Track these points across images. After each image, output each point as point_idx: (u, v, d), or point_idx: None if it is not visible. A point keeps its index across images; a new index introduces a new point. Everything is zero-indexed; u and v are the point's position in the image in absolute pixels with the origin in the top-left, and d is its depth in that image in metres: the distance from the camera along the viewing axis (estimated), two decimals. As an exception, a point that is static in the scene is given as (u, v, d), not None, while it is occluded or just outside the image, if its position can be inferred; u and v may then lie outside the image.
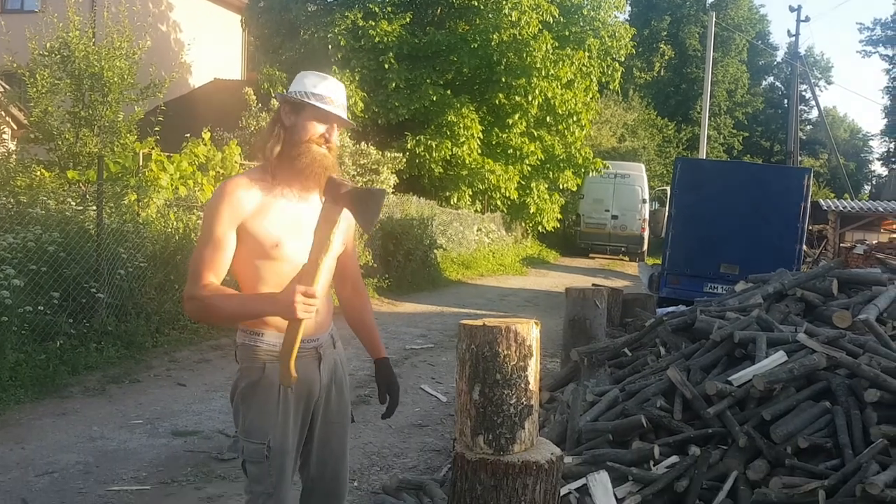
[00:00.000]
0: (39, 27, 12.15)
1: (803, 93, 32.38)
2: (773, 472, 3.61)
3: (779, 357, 4.14)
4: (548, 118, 20.10)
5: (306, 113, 2.46)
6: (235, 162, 10.98)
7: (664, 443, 3.86)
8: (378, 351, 2.80)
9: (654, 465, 3.73)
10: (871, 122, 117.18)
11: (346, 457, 2.72)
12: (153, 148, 10.16)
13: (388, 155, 15.55)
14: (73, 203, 8.45)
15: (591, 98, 21.47)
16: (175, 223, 9.09)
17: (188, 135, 10.93)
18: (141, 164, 9.81)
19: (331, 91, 2.48)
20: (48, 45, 11.92)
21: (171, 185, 9.67)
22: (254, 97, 15.07)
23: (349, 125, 2.55)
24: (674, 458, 3.75)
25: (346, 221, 2.60)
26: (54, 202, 8.35)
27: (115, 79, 11.78)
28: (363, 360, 7.00)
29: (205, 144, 10.69)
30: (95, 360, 6.84)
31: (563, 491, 3.46)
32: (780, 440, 3.68)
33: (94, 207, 7.82)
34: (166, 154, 10.07)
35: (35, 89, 11.61)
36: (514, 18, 18.01)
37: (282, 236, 2.44)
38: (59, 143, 11.77)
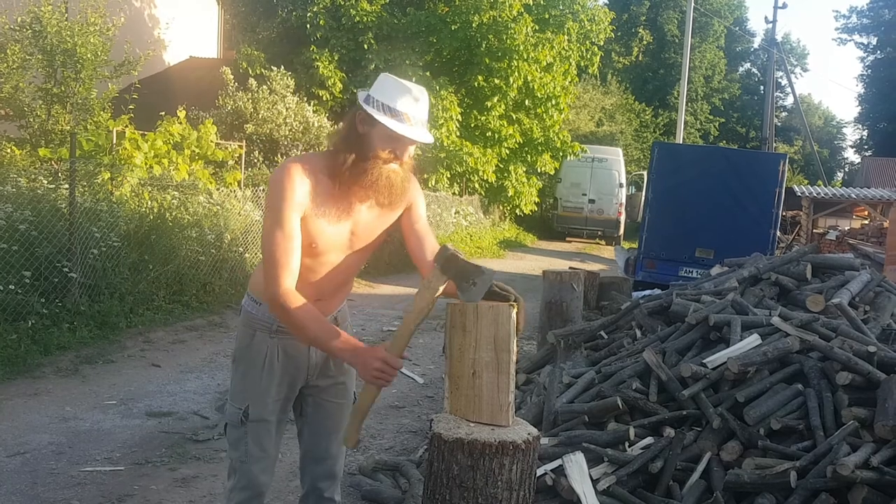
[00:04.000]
0: (10, 1, 11.89)
1: (779, 79, 32.57)
2: (745, 453, 3.65)
3: (753, 340, 4.18)
4: (526, 101, 20.07)
5: (380, 128, 2.32)
6: (211, 141, 10.86)
7: (639, 424, 3.89)
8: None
9: (629, 447, 3.75)
10: (845, 109, 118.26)
11: (342, 439, 2.67)
12: (127, 126, 10.01)
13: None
14: (45, 181, 8.32)
15: (569, 82, 21.45)
16: (149, 202, 8.98)
17: (163, 113, 10.78)
18: (115, 142, 9.66)
19: (410, 107, 2.32)
20: (19, 19, 11.69)
21: (146, 163, 9.54)
22: (231, 77, 14.90)
23: (425, 143, 2.41)
24: (649, 440, 3.78)
25: (418, 202, 2.58)
26: (26, 180, 8.21)
27: (89, 55, 11.59)
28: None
29: (180, 123, 10.56)
30: (68, 340, 6.76)
31: (540, 472, 3.48)
32: (753, 422, 3.72)
33: (67, 186, 7.70)
34: (140, 132, 9.92)
35: (6, 65, 11.39)
36: (494, 1, 17.91)
37: (321, 235, 2.39)
38: (31, 120, 11.58)
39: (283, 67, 15.54)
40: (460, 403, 2.23)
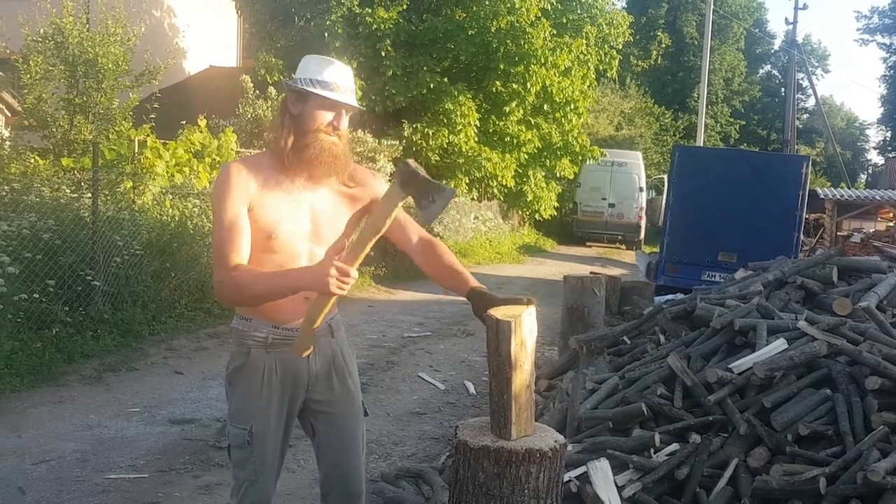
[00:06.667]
0: (33, 13, 12.02)
1: (800, 81, 32.27)
2: (773, 459, 3.60)
3: (779, 344, 4.12)
4: (545, 106, 20.00)
5: (312, 101, 2.39)
6: (231, 149, 10.92)
7: (665, 430, 3.85)
8: (465, 284, 2.43)
9: (654, 453, 3.71)
10: (867, 110, 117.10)
11: (359, 449, 2.64)
12: (148, 135, 10.09)
13: (385, 143, 15.47)
14: (68, 190, 8.40)
15: (588, 86, 21.38)
16: (171, 210, 9.04)
17: (184, 122, 10.86)
18: (136, 151, 9.74)
19: (336, 76, 2.41)
20: (42, 30, 11.81)
21: (167, 172, 9.61)
22: (251, 84, 14.98)
23: (357, 110, 2.48)
24: (674, 446, 3.73)
25: (370, 188, 2.58)
26: (49, 190, 8.29)
27: (110, 65, 11.68)
28: (356, 347, 7.00)
29: (200, 131, 10.63)
30: (92, 348, 6.80)
31: (564, 479, 3.45)
32: (780, 427, 3.67)
33: (90, 195, 7.76)
34: (162, 141, 10.00)
35: (29, 76, 11.51)
36: (511, 5, 17.89)
37: (277, 226, 2.39)
38: (54, 130, 11.68)
39: (302, 75, 15.59)
40: (521, 421, 2.13)
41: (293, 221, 2.42)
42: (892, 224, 18.45)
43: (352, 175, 2.54)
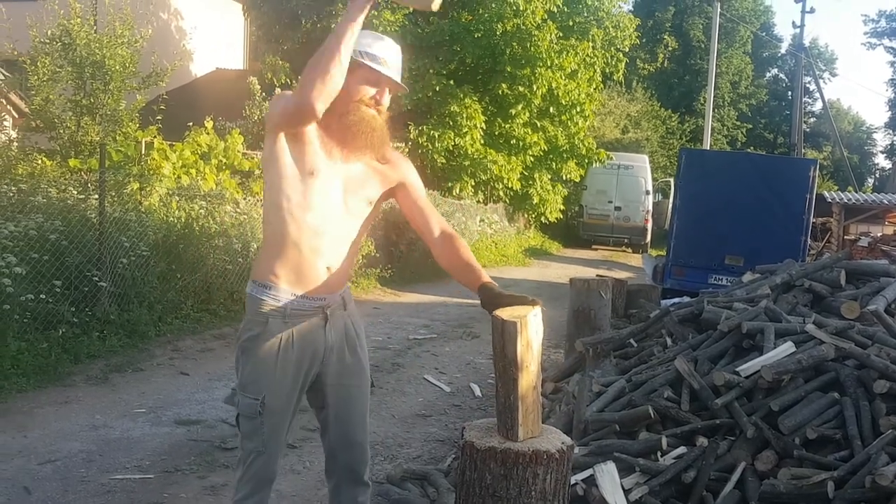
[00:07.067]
0: (41, 14, 12.07)
1: (807, 85, 32.26)
2: (781, 463, 3.58)
3: (787, 348, 4.10)
4: (551, 109, 19.99)
5: (359, 73, 2.41)
6: (238, 151, 10.93)
7: (671, 434, 3.83)
8: (478, 280, 2.42)
9: (661, 456, 3.70)
10: (875, 114, 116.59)
11: (367, 421, 2.67)
12: (155, 136, 10.11)
13: (391, 145, 15.46)
14: (75, 191, 8.41)
15: (594, 89, 21.36)
16: (177, 212, 9.04)
17: (190, 124, 10.88)
18: (143, 152, 9.76)
19: (386, 52, 2.44)
20: (49, 32, 11.85)
21: (174, 173, 9.62)
22: (257, 87, 15.01)
23: (402, 89, 2.51)
24: (681, 449, 3.72)
25: (401, 168, 2.62)
26: (56, 191, 8.30)
27: (117, 67, 11.72)
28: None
29: (207, 133, 10.64)
30: (98, 348, 6.81)
31: (571, 481, 3.43)
32: (788, 431, 3.65)
33: (96, 196, 7.78)
34: (168, 143, 10.01)
35: (36, 77, 11.55)
36: (517, 8, 17.89)
37: (319, 167, 2.42)
38: (61, 131, 11.72)
39: (308, 78, 15.61)
40: (528, 422, 2.12)
41: (333, 172, 2.46)
42: (899, 228, 18.38)
43: (385, 155, 2.57)
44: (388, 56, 2.44)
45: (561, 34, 19.12)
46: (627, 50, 22.72)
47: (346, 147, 2.45)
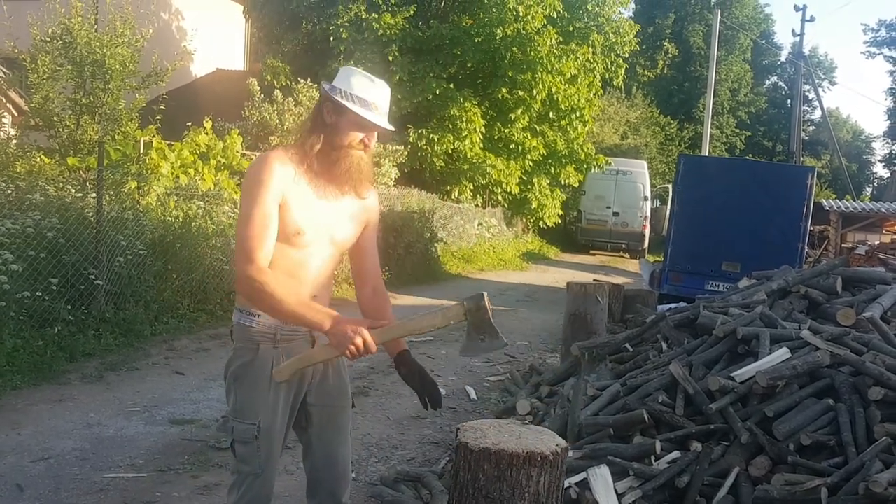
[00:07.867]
0: (41, 13, 12.07)
1: (806, 93, 32.32)
2: (775, 468, 3.58)
3: (782, 354, 4.10)
4: (550, 113, 20.02)
5: (349, 117, 2.43)
6: (237, 151, 10.93)
7: (665, 438, 3.83)
8: (397, 346, 2.57)
9: (655, 461, 3.70)
10: (874, 123, 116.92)
11: (349, 441, 2.71)
12: (154, 136, 10.10)
13: (390, 148, 15.48)
14: (73, 190, 8.41)
15: (594, 94, 21.39)
16: (175, 211, 9.04)
17: (190, 124, 10.88)
18: (142, 151, 9.75)
19: (376, 97, 2.45)
20: (50, 30, 11.84)
21: (172, 173, 9.62)
22: (257, 88, 15.03)
23: (389, 132, 2.52)
24: (675, 454, 3.72)
25: (372, 209, 2.65)
26: (54, 188, 8.31)
27: (117, 66, 11.71)
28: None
29: (206, 133, 10.64)
30: (93, 347, 6.80)
31: (564, 485, 3.43)
32: (782, 437, 3.65)
33: (94, 194, 7.78)
34: (167, 142, 10.01)
35: (36, 75, 11.54)
36: (518, 13, 17.92)
37: (305, 225, 2.43)
38: (60, 129, 11.71)
39: (308, 80, 15.65)
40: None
41: (320, 219, 2.47)
42: (896, 237, 18.40)
43: (364, 192, 2.60)
44: (378, 100, 2.45)
45: (561, 39, 19.15)
46: (627, 56, 22.76)
47: (338, 188, 2.49)
